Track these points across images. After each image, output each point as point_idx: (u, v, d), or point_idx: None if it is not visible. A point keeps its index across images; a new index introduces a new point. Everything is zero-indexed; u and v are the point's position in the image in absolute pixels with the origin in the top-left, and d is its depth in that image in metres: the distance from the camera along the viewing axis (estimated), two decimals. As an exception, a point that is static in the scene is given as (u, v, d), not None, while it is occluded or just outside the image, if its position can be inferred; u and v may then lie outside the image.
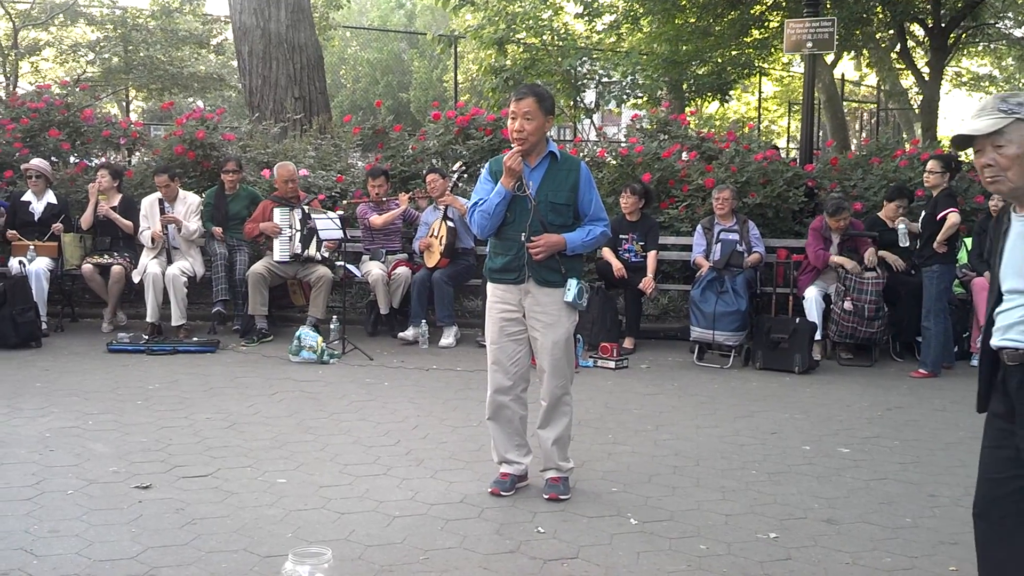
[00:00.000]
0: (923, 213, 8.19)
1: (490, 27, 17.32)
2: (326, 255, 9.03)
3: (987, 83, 28.21)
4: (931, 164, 8.09)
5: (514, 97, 4.70)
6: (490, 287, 4.93)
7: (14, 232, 9.17)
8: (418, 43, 30.96)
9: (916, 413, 6.77)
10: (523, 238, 4.72)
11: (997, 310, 3.05)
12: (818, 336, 8.43)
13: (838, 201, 8.66)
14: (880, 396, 7.29)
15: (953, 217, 7.74)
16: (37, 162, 9.55)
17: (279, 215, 9.00)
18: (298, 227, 8.95)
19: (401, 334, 8.98)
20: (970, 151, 3.02)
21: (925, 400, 7.16)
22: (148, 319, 8.93)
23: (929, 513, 4.72)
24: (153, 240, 9.07)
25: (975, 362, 8.34)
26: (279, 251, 8.95)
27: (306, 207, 9.04)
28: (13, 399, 6.59)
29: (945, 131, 19.90)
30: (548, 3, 17.98)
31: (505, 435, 4.92)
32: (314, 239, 8.91)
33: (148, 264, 8.98)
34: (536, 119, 4.66)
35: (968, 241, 8.99)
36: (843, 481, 5.15)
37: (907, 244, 8.41)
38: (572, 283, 4.77)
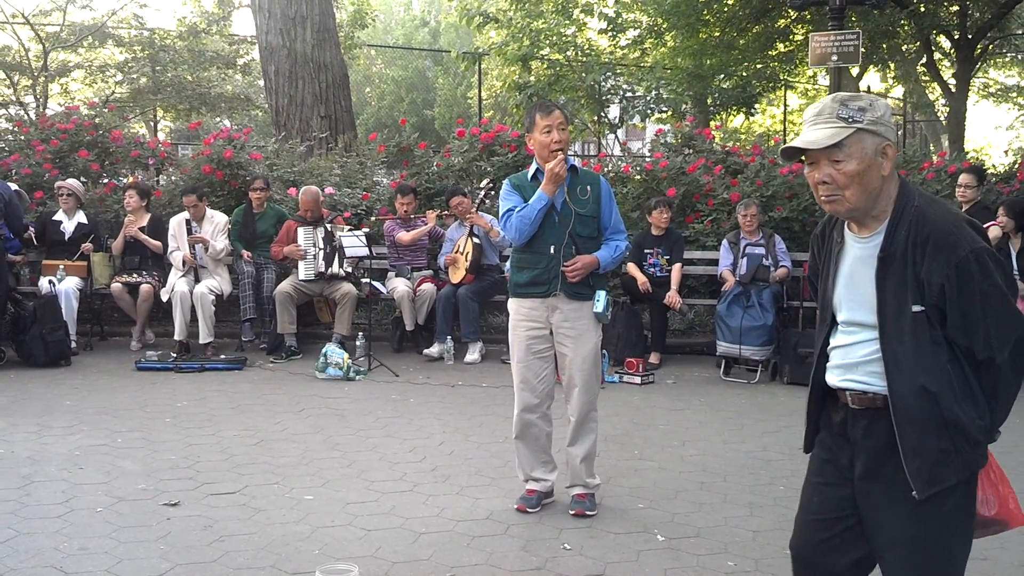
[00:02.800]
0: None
1: (514, 44, 17.39)
2: (349, 270, 9.08)
3: (1015, 93, 28.00)
4: (964, 178, 8.01)
5: (542, 112, 4.79)
6: (514, 305, 4.92)
7: (30, 235, 9.26)
8: (442, 60, 31.09)
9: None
10: (552, 251, 4.76)
11: (833, 343, 2.73)
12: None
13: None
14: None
15: (995, 230, 7.63)
16: (71, 181, 9.67)
17: (303, 234, 9.06)
18: (321, 245, 9.01)
19: (426, 351, 9.00)
20: (844, 159, 2.50)
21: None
22: (176, 337, 9.00)
23: (960, 529, 4.67)
24: (184, 263, 9.16)
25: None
26: (304, 271, 9.00)
27: (329, 225, 9.09)
28: (43, 417, 6.66)
29: (972, 143, 19.76)
30: (572, 19, 18.04)
31: (532, 453, 4.92)
32: (337, 256, 8.96)
33: (176, 283, 9.06)
34: (566, 130, 4.81)
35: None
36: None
37: None
38: (600, 295, 4.83)
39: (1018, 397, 2.63)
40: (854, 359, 2.65)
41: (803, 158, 2.59)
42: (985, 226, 7.74)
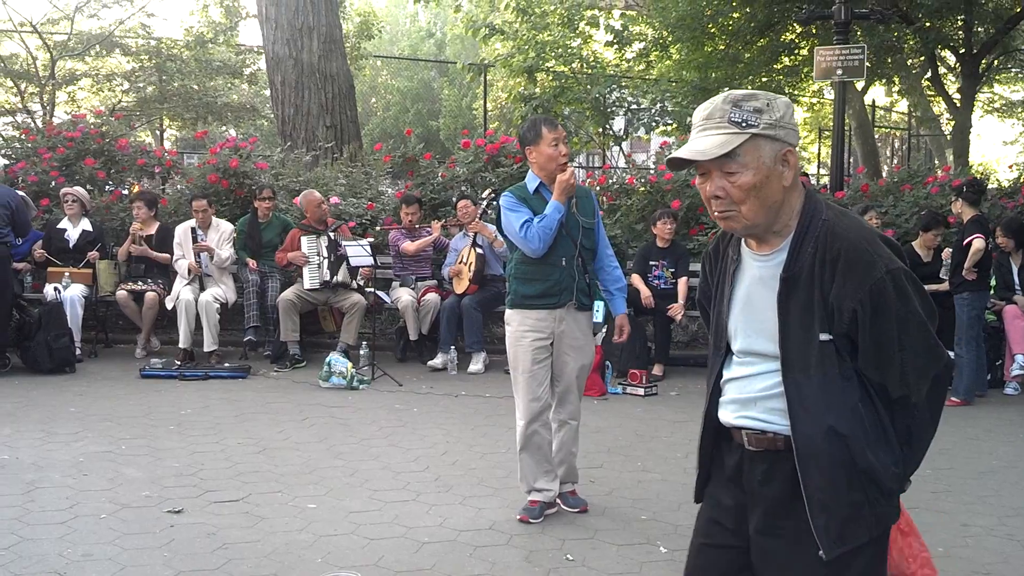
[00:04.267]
0: (955, 240, 8.15)
1: (520, 56, 17.43)
2: (361, 283, 9.09)
3: (1020, 109, 28.01)
4: (957, 192, 8.10)
5: (548, 125, 4.90)
6: (518, 316, 4.92)
7: (43, 252, 9.30)
8: (448, 72, 31.14)
9: (948, 442, 6.69)
10: (563, 263, 4.85)
11: (727, 375, 2.38)
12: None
13: (864, 204, 8.71)
14: (912, 424, 7.20)
15: (978, 243, 7.68)
16: (77, 188, 9.72)
17: (307, 244, 9.08)
18: (326, 254, 9.03)
19: (431, 363, 9.01)
20: (738, 170, 2.18)
21: (958, 429, 7.08)
22: (181, 345, 9.02)
23: (962, 543, 4.67)
24: (190, 271, 9.19)
25: (1008, 390, 8.28)
26: (309, 280, 9.02)
27: (332, 234, 9.12)
28: (48, 424, 6.67)
29: (978, 157, 19.77)
30: (577, 32, 18.09)
31: (536, 463, 4.92)
32: (343, 265, 8.98)
33: (181, 291, 9.08)
34: (567, 144, 4.97)
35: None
36: (875, 510, 5.10)
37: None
38: (599, 304, 4.98)
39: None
40: (752, 394, 2.31)
41: (694, 169, 2.24)
42: (968, 239, 7.75)
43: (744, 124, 2.14)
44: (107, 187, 11.12)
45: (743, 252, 2.34)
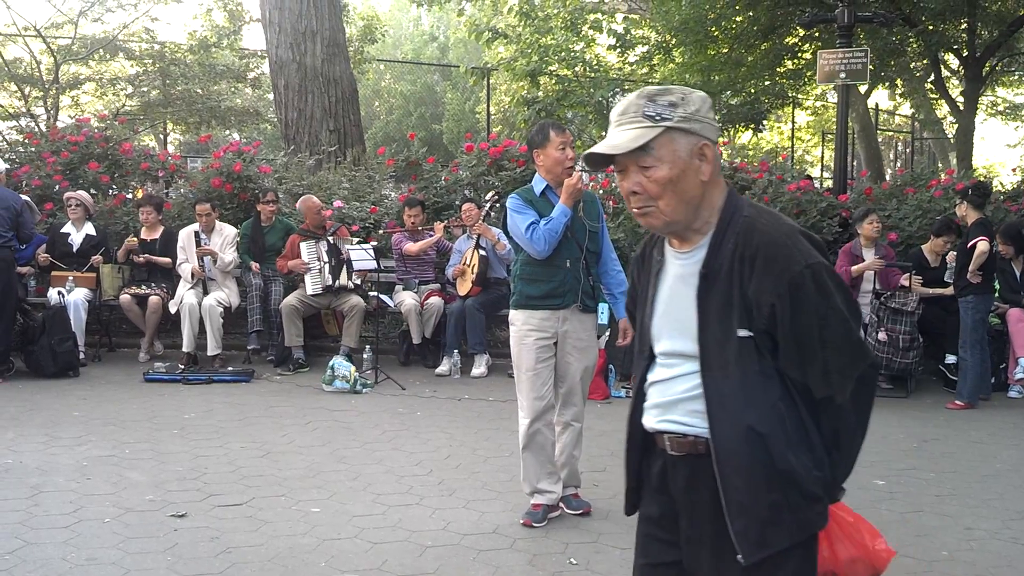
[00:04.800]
0: (958, 243, 8.14)
1: (523, 59, 17.43)
2: (358, 283, 9.10)
3: (1024, 111, 27.99)
4: (963, 195, 8.10)
5: (556, 129, 4.94)
6: (523, 315, 4.94)
7: (47, 256, 9.31)
8: (451, 75, 31.20)
9: (952, 445, 6.69)
10: (568, 264, 4.87)
11: (651, 378, 2.32)
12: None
13: (865, 207, 8.75)
14: (916, 428, 7.21)
15: (982, 245, 7.67)
16: (81, 193, 9.73)
17: (306, 249, 9.09)
18: (326, 259, 9.03)
19: (437, 371, 9.01)
20: (653, 164, 2.15)
21: (961, 432, 7.08)
22: (184, 349, 9.03)
23: (966, 546, 4.67)
24: (193, 275, 9.20)
25: (1013, 393, 8.27)
26: (311, 285, 9.02)
27: (331, 238, 9.12)
28: (51, 428, 6.68)
29: (981, 160, 19.74)
30: (580, 35, 18.09)
31: (539, 463, 4.93)
32: (344, 268, 8.99)
33: (185, 295, 9.09)
34: (574, 148, 5.02)
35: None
36: (878, 513, 5.10)
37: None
38: (603, 307, 4.95)
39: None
40: (673, 396, 2.24)
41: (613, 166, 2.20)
42: (972, 241, 7.73)
43: (658, 118, 2.11)
44: (111, 191, 11.12)
45: (666, 252, 2.29)
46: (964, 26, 16.49)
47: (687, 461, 2.21)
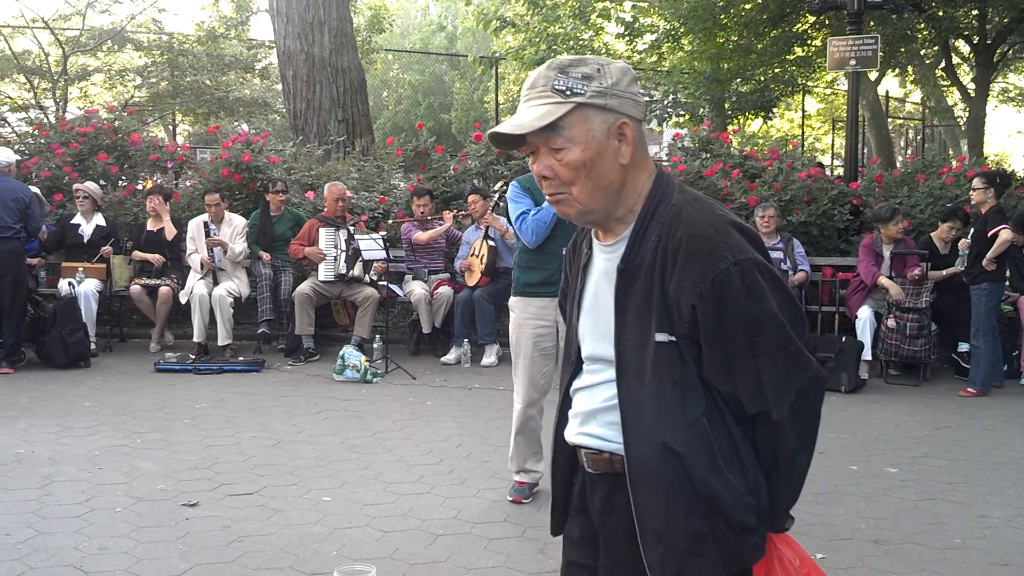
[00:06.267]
0: (971, 230, 8.09)
1: (531, 48, 17.40)
2: (375, 278, 9.08)
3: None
4: (976, 181, 8.02)
5: None
6: (521, 303, 4.97)
7: (44, 235, 9.31)
8: (459, 65, 31.12)
9: (965, 432, 6.67)
10: (564, 252, 4.78)
11: (576, 384, 2.07)
12: (868, 356, 8.34)
13: (891, 207, 8.64)
14: (928, 415, 7.18)
15: (1005, 234, 7.62)
16: (89, 184, 9.74)
17: (324, 235, 9.09)
18: (343, 247, 9.03)
19: (444, 359, 9.01)
20: (564, 145, 1.87)
21: (974, 419, 7.05)
22: (195, 339, 9.05)
23: (979, 534, 4.64)
24: (202, 266, 9.22)
25: (1025, 381, 8.22)
26: (324, 272, 9.03)
27: (351, 228, 9.12)
28: (63, 418, 6.70)
29: (992, 147, 19.64)
30: (589, 24, 18.03)
31: (528, 444, 4.99)
32: (359, 260, 8.99)
33: (195, 285, 9.11)
34: None
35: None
36: (891, 501, 5.08)
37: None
38: None
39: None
40: (593, 406, 1.99)
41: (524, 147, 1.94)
42: (995, 230, 7.66)
43: (569, 92, 1.83)
44: (120, 182, 11.14)
45: (594, 245, 2.04)
46: (975, 12, 16.39)
47: (604, 480, 1.97)
